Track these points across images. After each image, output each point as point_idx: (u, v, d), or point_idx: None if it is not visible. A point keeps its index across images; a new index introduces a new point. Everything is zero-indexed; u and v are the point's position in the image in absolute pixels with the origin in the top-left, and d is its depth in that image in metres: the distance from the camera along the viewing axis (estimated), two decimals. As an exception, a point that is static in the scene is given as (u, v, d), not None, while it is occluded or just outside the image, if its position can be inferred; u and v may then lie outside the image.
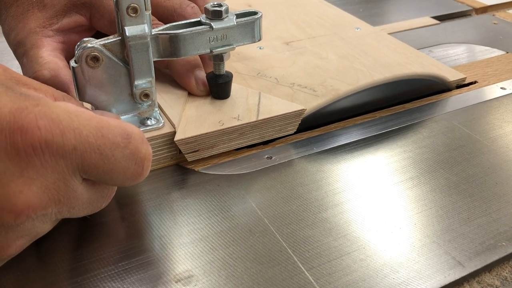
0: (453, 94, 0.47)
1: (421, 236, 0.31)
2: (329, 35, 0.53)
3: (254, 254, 0.29)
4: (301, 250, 0.30)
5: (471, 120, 0.43)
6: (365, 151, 0.39)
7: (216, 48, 0.36)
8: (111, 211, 0.32)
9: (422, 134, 0.41)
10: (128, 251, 0.29)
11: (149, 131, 0.35)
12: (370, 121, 0.43)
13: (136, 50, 0.33)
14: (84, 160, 0.25)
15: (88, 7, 0.39)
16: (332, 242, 0.30)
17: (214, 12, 0.35)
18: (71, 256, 0.29)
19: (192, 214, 0.32)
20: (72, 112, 0.25)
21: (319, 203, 0.33)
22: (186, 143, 0.35)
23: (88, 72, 0.32)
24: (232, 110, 0.38)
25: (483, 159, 0.38)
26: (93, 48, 0.32)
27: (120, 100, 0.35)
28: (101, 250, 0.29)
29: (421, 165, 0.37)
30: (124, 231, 0.31)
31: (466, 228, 0.32)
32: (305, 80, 0.44)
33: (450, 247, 0.30)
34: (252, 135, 0.38)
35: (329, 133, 0.41)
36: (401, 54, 0.49)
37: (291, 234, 0.31)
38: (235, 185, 0.35)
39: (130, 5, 0.31)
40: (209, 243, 0.30)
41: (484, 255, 0.30)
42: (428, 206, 0.33)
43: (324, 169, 0.37)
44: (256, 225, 0.32)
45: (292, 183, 0.35)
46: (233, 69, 0.45)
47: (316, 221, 0.32)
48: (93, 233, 0.31)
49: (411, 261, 0.29)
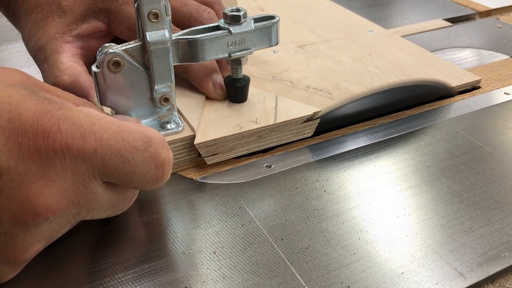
0: (455, 100, 0.47)
1: (422, 246, 0.31)
2: (342, 38, 0.53)
3: (252, 265, 0.29)
4: (299, 261, 0.29)
5: (474, 127, 0.43)
6: (365, 159, 0.38)
7: (235, 53, 0.37)
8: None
9: (424, 141, 0.41)
10: (120, 264, 0.29)
11: (169, 134, 0.36)
12: (371, 128, 0.42)
13: (157, 55, 0.33)
14: (105, 163, 0.25)
15: (106, 13, 0.39)
16: (331, 253, 0.30)
17: (233, 16, 0.36)
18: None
19: (190, 225, 0.32)
20: (94, 116, 0.26)
21: (318, 213, 0.33)
22: (205, 146, 0.36)
23: (109, 77, 0.33)
24: (250, 113, 0.39)
25: (486, 166, 0.38)
26: (114, 53, 0.32)
27: (140, 105, 0.35)
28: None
29: (423, 173, 0.37)
30: (115, 243, 0.31)
31: (468, 238, 0.31)
32: (320, 83, 0.44)
33: (452, 257, 0.30)
34: (270, 138, 0.39)
35: (329, 140, 0.41)
36: (415, 56, 0.49)
37: (289, 245, 0.31)
38: (233, 195, 0.35)
39: (151, 11, 0.32)
40: (206, 254, 0.30)
41: (486, 266, 0.29)
42: (430, 216, 0.33)
43: (323, 177, 0.36)
44: (254, 235, 0.31)
45: (291, 192, 0.35)
46: (248, 72, 0.45)
47: (315, 232, 0.31)
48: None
49: (411, 272, 0.29)
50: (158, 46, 0.33)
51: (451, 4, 0.72)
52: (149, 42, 0.32)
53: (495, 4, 0.71)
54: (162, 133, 0.35)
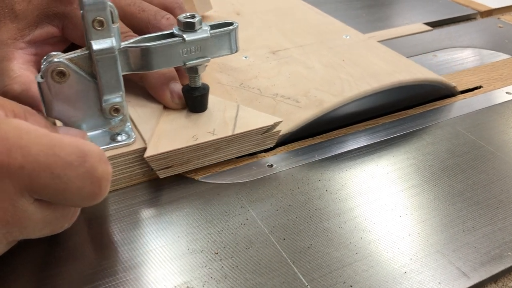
0: (457, 100, 0.47)
1: (424, 245, 0.30)
2: (317, 44, 0.52)
3: (254, 265, 0.29)
4: (302, 261, 0.29)
5: (476, 126, 0.42)
6: (367, 158, 0.38)
7: (190, 61, 0.35)
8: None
9: (426, 140, 0.41)
10: (121, 264, 0.29)
11: (119, 147, 0.34)
12: (373, 128, 0.42)
13: (103, 64, 0.31)
14: (33, 180, 0.24)
15: (60, 17, 0.37)
16: (333, 253, 0.30)
17: (187, 23, 0.34)
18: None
19: (192, 225, 0.32)
20: (23, 129, 0.24)
21: (320, 212, 0.33)
22: (157, 160, 0.34)
23: (54, 87, 0.31)
24: (208, 123, 0.37)
25: (488, 166, 0.37)
26: (59, 62, 0.31)
27: (89, 116, 0.33)
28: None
29: (425, 172, 0.37)
30: (118, 244, 0.31)
31: (471, 237, 0.31)
32: (289, 91, 0.43)
33: (455, 257, 0.30)
34: (229, 150, 0.37)
35: (331, 140, 0.41)
36: (389, 62, 0.47)
37: (292, 244, 0.30)
38: (235, 194, 0.34)
39: (96, 18, 0.30)
40: (208, 254, 0.30)
41: (489, 266, 0.29)
42: (432, 215, 0.33)
43: (325, 177, 0.36)
44: (256, 235, 0.31)
45: (293, 192, 0.35)
46: (215, 79, 0.44)
47: (317, 231, 0.31)
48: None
49: (414, 271, 0.29)
50: (104, 55, 0.31)
51: (452, 4, 0.72)
52: (95, 51, 0.31)
53: (496, 4, 0.71)
54: (112, 145, 0.34)
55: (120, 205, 0.33)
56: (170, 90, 0.38)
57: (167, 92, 0.38)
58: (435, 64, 0.54)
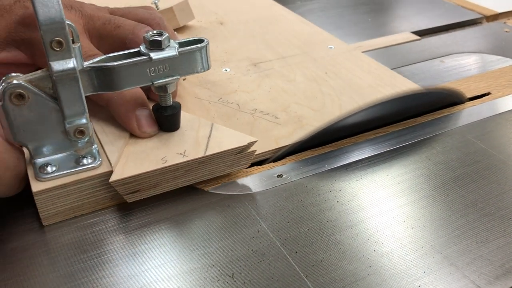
0: (465, 107, 0.46)
1: (438, 258, 0.30)
2: (300, 55, 0.51)
3: (267, 280, 0.29)
4: (315, 275, 0.29)
5: (486, 134, 0.42)
6: (377, 168, 0.38)
7: (158, 80, 0.33)
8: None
9: (436, 149, 0.40)
10: (132, 278, 0.29)
11: (84, 171, 0.32)
12: (382, 136, 0.42)
13: (64, 85, 0.30)
14: None
15: (27, 44, 0.36)
16: (346, 266, 0.30)
17: (153, 42, 0.33)
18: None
19: (203, 238, 0.32)
20: None
21: (332, 224, 0.33)
22: (123, 184, 0.32)
23: (13, 110, 0.30)
24: (180, 144, 0.35)
25: (499, 175, 0.37)
26: (17, 84, 0.29)
27: (52, 138, 0.32)
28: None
29: (436, 182, 0.37)
30: (129, 258, 0.30)
31: (484, 249, 0.31)
32: (268, 106, 0.42)
33: (469, 270, 0.29)
34: (201, 172, 0.35)
35: (341, 149, 0.40)
36: (373, 74, 0.47)
37: (304, 258, 0.30)
38: (245, 206, 0.34)
39: (54, 39, 0.29)
40: (219, 268, 0.29)
41: (504, 279, 0.29)
42: (444, 226, 0.33)
43: (336, 187, 0.36)
44: (268, 248, 0.31)
45: (304, 203, 0.34)
46: (193, 94, 0.43)
47: (329, 244, 0.31)
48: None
49: (428, 285, 0.28)
50: (64, 76, 0.30)
51: (458, 8, 0.71)
52: (54, 72, 0.30)
53: (501, 8, 0.70)
54: (77, 169, 0.32)
55: (130, 218, 0.33)
56: (136, 117, 0.35)
57: (133, 120, 0.35)
58: (443, 70, 0.54)
